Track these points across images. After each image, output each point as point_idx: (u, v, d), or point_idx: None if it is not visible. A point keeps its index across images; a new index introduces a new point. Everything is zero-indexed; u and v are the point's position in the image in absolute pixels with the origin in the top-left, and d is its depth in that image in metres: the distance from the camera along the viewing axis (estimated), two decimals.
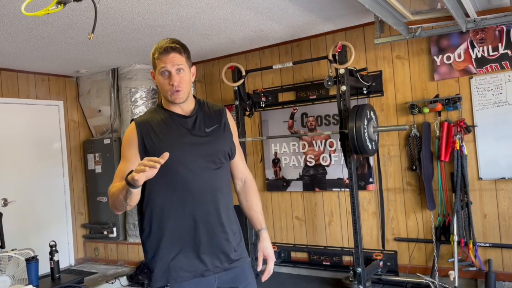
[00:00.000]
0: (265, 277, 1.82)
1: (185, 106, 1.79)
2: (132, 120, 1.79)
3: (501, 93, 3.67)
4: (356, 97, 4.23)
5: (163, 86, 1.72)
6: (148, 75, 5.41)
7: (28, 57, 4.60)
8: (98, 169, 5.70)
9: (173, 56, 1.69)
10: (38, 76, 5.44)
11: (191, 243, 1.70)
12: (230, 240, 1.76)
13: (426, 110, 3.92)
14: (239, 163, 1.91)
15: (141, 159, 1.66)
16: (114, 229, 5.54)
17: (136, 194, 1.53)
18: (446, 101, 3.84)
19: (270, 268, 1.84)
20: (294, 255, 4.82)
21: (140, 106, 5.32)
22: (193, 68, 1.82)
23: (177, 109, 1.78)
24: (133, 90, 5.32)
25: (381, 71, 4.25)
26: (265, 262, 1.88)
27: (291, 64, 4.30)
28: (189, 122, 1.76)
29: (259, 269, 1.84)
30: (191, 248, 1.70)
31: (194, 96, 1.88)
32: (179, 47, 1.71)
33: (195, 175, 1.70)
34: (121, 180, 1.61)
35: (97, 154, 5.69)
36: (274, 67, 4.34)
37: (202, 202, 1.71)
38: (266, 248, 1.85)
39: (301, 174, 4.77)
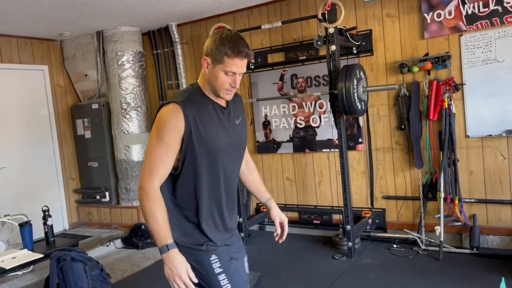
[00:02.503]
0: (284, 237, 2.04)
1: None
2: (174, 102, 1.70)
3: (490, 51, 3.66)
4: (346, 57, 4.19)
5: (223, 84, 1.71)
6: (134, 37, 5.28)
7: (9, 19, 4.44)
8: (88, 135, 5.66)
9: (245, 62, 1.71)
10: (20, 40, 5.28)
11: (220, 217, 1.84)
12: (236, 214, 1.98)
13: (415, 69, 3.91)
14: (245, 145, 2.03)
15: (182, 145, 1.69)
16: (107, 193, 5.58)
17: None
18: (436, 59, 3.83)
19: (287, 228, 2.05)
20: (285, 215, 4.90)
21: (127, 70, 5.22)
22: None
23: (220, 100, 1.80)
24: (119, 53, 5.21)
25: (371, 30, 4.20)
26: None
27: (280, 24, 4.22)
28: (226, 113, 1.82)
29: (278, 232, 2.03)
30: (219, 221, 1.84)
31: None
32: (251, 54, 1.73)
33: (232, 163, 1.84)
34: (161, 163, 1.67)
35: (85, 119, 5.64)
36: (262, 27, 4.26)
37: (231, 186, 1.87)
38: (280, 214, 2.05)
39: (291, 136, 4.79)
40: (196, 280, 1.65)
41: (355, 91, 3.65)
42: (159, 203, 1.66)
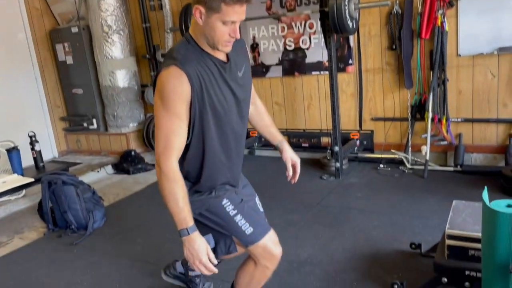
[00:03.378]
0: (296, 178, 2.00)
1: None
2: (173, 64, 1.52)
3: None
4: None
5: (221, 35, 1.52)
6: None
7: None
8: (69, 60, 5.46)
9: (244, 8, 1.50)
10: None
11: (232, 178, 1.85)
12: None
13: None
14: (252, 89, 1.88)
15: (190, 112, 1.58)
16: (94, 120, 5.53)
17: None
18: None
19: (299, 169, 2.00)
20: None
21: None
22: None
23: (218, 53, 1.62)
24: None
25: None
26: None
27: None
28: (227, 68, 1.65)
29: (290, 173, 1.99)
30: (232, 181, 1.86)
31: None
32: None
33: (240, 120, 1.76)
34: (175, 136, 1.55)
35: (66, 44, 5.41)
36: None
37: (241, 144, 1.84)
38: (292, 156, 1.99)
39: (280, 58, 4.68)
40: (216, 261, 1.60)
41: (346, 8, 3.51)
42: (180, 183, 1.56)
